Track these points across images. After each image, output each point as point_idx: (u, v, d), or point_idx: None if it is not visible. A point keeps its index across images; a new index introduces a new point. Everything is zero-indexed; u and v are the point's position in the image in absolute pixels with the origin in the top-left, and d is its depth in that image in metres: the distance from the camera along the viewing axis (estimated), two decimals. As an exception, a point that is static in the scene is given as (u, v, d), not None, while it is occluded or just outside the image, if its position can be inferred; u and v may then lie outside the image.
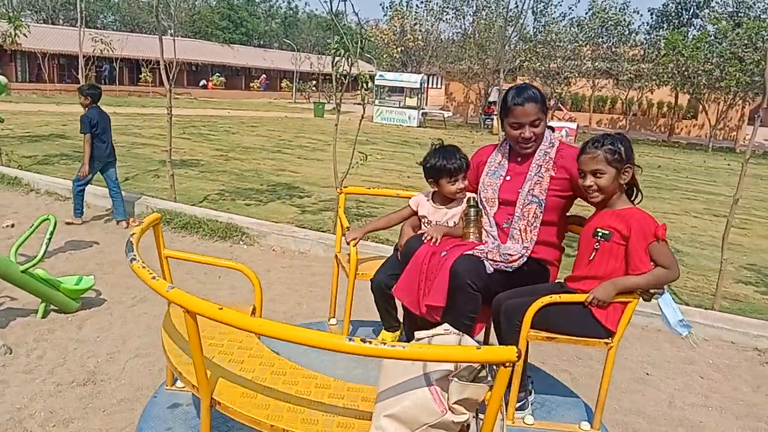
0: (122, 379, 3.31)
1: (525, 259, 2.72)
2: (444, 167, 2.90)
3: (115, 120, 7.35)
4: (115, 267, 5.15)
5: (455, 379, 1.78)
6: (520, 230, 2.75)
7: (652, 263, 2.45)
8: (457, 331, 2.07)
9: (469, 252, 2.70)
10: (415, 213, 3.14)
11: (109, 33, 33.72)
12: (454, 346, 1.84)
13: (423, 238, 2.85)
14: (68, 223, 6.41)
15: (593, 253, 2.53)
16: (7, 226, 6.24)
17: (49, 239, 4.05)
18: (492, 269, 2.66)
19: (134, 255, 2.07)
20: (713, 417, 3.42)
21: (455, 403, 1.79)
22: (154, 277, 1.91)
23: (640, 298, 2.49)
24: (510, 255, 2.69)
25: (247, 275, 2.66)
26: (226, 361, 2.26)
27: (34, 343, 3.64)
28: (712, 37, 27.45)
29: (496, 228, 2.82)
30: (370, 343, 1.52)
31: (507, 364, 1.52)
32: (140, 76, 39.40)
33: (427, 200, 3.08)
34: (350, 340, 1.53)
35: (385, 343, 1.54)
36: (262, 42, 65.19)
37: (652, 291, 2.47)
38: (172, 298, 1.78)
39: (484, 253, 2.68)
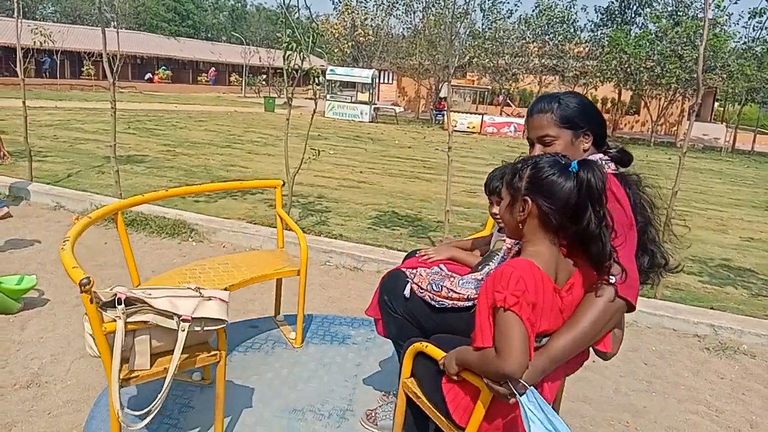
0: (68, 380, 3.22)
1: (467, 304, 2.12)
2: (486, 185, 2.57)
3: (57, 115, 7.11)
4: (58, 266, 4.98)
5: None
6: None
7: None
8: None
9: (406, 269, 2.40)
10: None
11: (49, 25, 32.53)
12: None
13: (418, 253, 2.65)
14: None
15: None
16: (-58, 224, 5.97)
17: (-12, 238, 3.90)
18: (409, 294, 2.27)
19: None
20: (656, 401, 3.55)
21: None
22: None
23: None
24: (452, 290, 2.16)
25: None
26: None
27: (-27, 346, 3.50)
28: (654, 35, 28.34)
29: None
30: None
31: None
32: (82, 69, 38.13)
33: None
34: None
35: None
36: (209, 35, 64.04)
37: (497, 387, 1.66)
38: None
39: (413, 274, 2.31)
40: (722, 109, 43.20)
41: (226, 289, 2.65)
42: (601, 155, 2.08)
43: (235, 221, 6.60)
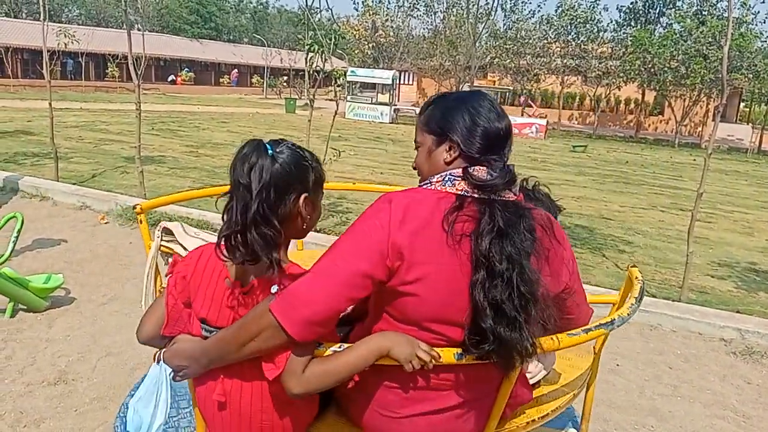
0: (94, 377, 3.27)
1: None
2: None
3: (82, 116, 7.22)
4: (84, 265, 5.06)
5: None
6: None
7: None
8: None
9: None
10: None
11: (74, 27, 33.03)
12: None
13: None
14: None
15: None
16: (-28, 224, 6.09)
17: (17, 237, 3.98)
18: None
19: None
20: (682, 406, 3.50)
21: None
22: None
23: None
24: None
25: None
26: None
27: (3, 343, 3.57)
28: (678, 35, 27.99)
29: None
30: None
31: None
32: (107, 71, 38.67)
33: None
34: None
35: None
36: (231, 37, 64.53)
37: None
38: None
39: None
40: (748, 109, 42.52)
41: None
42: (455, 171, 1.55)
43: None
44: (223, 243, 1.56)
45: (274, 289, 1.53)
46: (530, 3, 72.38)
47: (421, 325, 1.51)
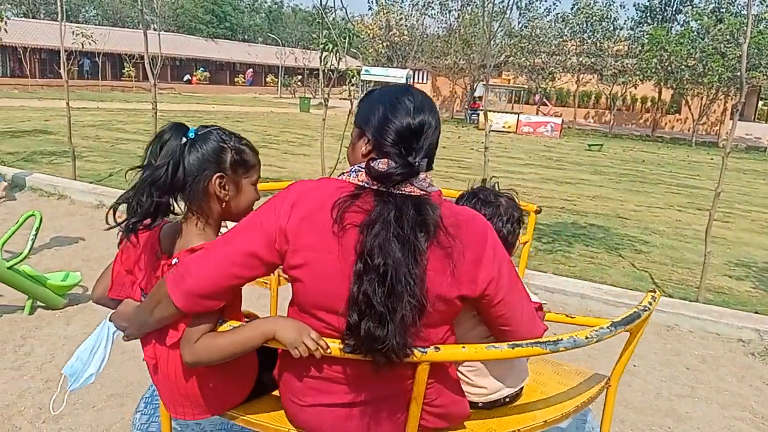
0: (111, 375, 3.29)
1: None
2: None
3: (99, 115, 7.29)
4: (102, 263, 5.10)
5: None
6: None
7: None
8: None
9: None
10: None
11: (91, 27, 33.36)
12: None
13: None
14: None
15: None
16: (-9, 222, 6.17)
17: (35, 235, 4.02)
18: None
19: None
20: (699, 407, 3.47)
21: None
22: None
23: None
24: None
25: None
26: None
27: (22, 340, 3.61)
28: (695, 33, 27.72)
29: None
30: None
31: None
32: (123, 71, 39.01)
33: None
34: None
35: None
36: (246, 36, 64.84)
37: None
38: None
39: None
40: (766, 108, 42.03)
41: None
42: (362, 163, 1.54)
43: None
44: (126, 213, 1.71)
45: (174, 261, 1.62)
46: (545, 1, 71.92)
47: (309, 311, 1.54)
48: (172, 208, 1.74)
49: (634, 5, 37.14)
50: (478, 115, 28.87)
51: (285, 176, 10.05)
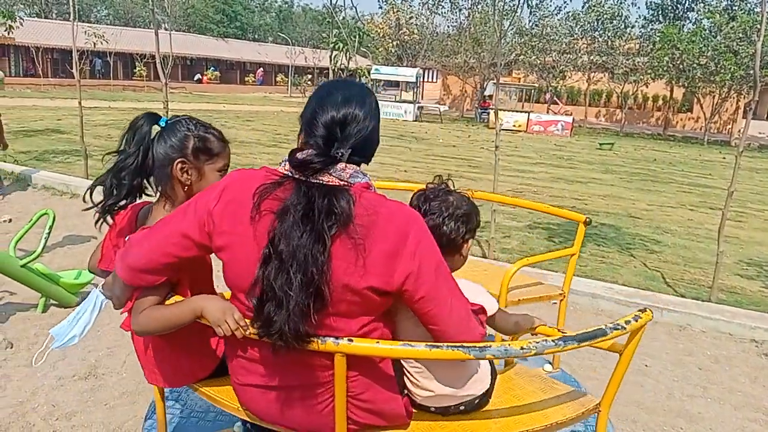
0: (123, 372, 3.32)
1: None
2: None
3: (111, 114, 7.34)
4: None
5: None
6: None
7: None
8: None
9: None
10: None
11: (102, 27, 33.57)
12: None
13: None
14: None
15: None
16: (5, 221, 6.23)
17: (48, 234, 4.05)
18: None
19: None
20: (712, 408, 3.45)
21: None
22: None
23: None
24: None
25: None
26: None
27: (35, 338, 3.64)
28: (707, 31, 27.50)
29: None
30: None
31: None
32: (134, 70, 39.21)
33: None
34: None
35: None
36: (256, 36, 64.98)
37: None
38: None
39: None
40: (780, 106, 41.64)
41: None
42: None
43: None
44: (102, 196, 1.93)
45: (127, 237, 1.79)
46: (556, -1, 71.71)
47: (233, 292, 1.63)
48: (144, 189, 1.95)
49: (646, 3, 36.90)
50: (488, 113, 28.78)
51: (295, 175, 10.07)
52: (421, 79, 33.04)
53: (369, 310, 1.58)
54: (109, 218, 1.95)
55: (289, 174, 1.54)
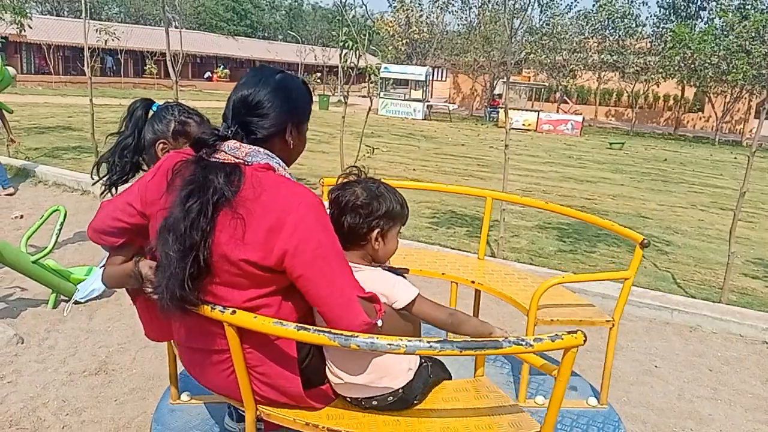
0: (133, 368, 3.33)
1: None
2: (406, 210, 2.05)
3: (121, 112, 7.36)
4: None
5: None
6: None
7: None
8: None
9: None
10: None
11: (113, 25, 33.70)
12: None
13: None
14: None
15: None
16: (16, 217, 6.27)
17: (59, 230, 4.07)
18: None
19: None
20: (722, 409, 3.42)
21: None
22: None
23: None
24: None
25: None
26: None
27: (46, 333, 3.66)
28: (719, 30, 27.30)
29: None
30: None
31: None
32: (145, 68, 39.37)
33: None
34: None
35: None
36: (266, 34, 65.11)
37: None
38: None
39: None
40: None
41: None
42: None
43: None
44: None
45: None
46: (566, -2, 71.32)
47: None
48: (140, 166, 2.20)
49: (657, 2, 36.68)
50: (497, 112, 28.71)
51: (304, 173, 10.08)
52: (431, 78, 33.00)
53: (255, 283, 1.66)
54: (114, 191, 2.16)
55: (203, 154, 1.69)
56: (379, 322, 1.68)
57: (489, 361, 3.10)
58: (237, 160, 1.65)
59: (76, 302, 3.85)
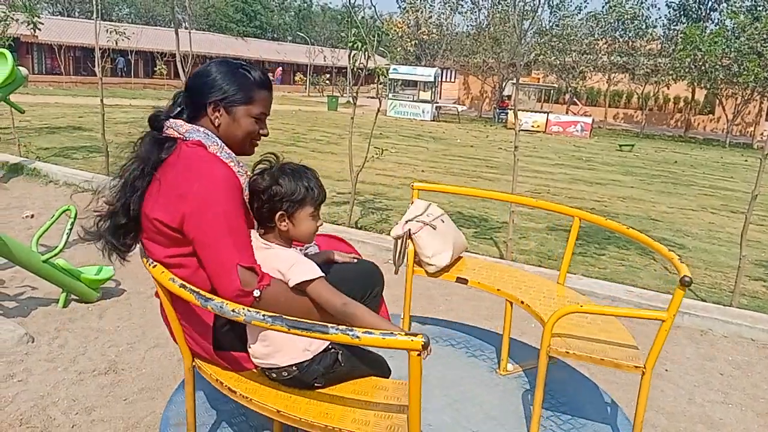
0: (143, 368, 3.34)
1: None
2: (314, 193, 2.12)
3: (131, 112, 7.39)
4: (134, 257, 5.17)
5: None
6: None
7: None
8: None
9: None
10: None
11: (124, 25, 33.88)
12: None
13: None
14: None
15: None
16: (27, 216, 6.31)
17: (70, 229, 4.08)
18: None
19: None
20: (733, 414, 3.40)
21: None
22: None
23: None
24: None
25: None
26: None
27: (56, 332, 3.68)
28: (730, 32, 27.14)
29: None
30: None
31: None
32: (155, 69, 39.55)
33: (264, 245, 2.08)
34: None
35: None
36: (275, 35, 65.29)
37: None
38: None
39: None
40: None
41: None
42: None
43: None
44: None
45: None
46: (576, -1, 71.13)
47: None
48: None
49: (667, 3, 36.48)
50: (506, 114, 28.65)
51: (313, 174, 10.09)
52: (440, 79, 32.97)
53: (172, 242, 1.93)
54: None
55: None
56: (256, 293, 1.84)
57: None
58: (179, 136, 1.96)
59: None
